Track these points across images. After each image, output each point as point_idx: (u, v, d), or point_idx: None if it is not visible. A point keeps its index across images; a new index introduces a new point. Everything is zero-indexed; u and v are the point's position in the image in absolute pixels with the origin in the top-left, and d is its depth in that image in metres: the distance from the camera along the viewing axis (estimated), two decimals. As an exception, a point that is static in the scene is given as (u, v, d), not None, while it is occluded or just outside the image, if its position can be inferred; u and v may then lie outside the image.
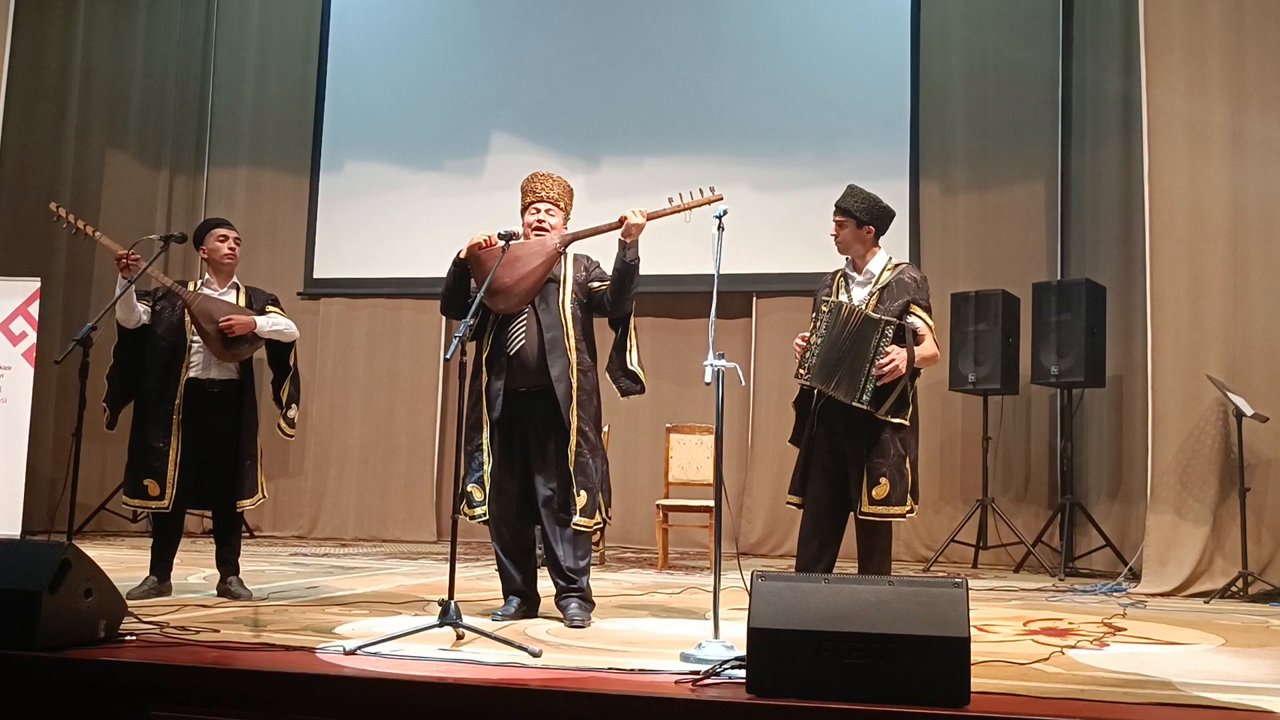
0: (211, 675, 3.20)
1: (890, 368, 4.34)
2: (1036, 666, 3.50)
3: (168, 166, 9.79)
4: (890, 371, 4.34)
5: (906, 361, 4.38)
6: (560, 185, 4.67)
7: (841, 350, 4.40)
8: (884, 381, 4.36)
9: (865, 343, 4.36)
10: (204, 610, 4.49)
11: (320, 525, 9.34)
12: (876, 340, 4.34)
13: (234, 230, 5.24)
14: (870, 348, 4.34)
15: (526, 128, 9.32)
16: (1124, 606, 5.34)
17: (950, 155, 8.65)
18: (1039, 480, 8.22)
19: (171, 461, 4.93)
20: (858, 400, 4.35)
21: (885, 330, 4.35)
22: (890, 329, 4.36)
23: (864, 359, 4.35)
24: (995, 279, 7.96)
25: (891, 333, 4.36)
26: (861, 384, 4.35)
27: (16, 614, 3.25)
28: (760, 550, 8.47)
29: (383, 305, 9.56)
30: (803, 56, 8.91)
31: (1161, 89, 6.40)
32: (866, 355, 4.35)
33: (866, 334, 4.37)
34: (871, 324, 4.37)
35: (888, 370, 4.34)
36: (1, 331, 7.67)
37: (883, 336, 4.34)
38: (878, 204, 4.61)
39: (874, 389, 4.34)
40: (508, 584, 4.57)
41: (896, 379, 4.39)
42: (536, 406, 4.43)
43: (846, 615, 2.90)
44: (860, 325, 4.39)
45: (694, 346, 8.55)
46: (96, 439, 5.26)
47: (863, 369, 4.35)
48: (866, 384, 4.34)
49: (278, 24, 10.03)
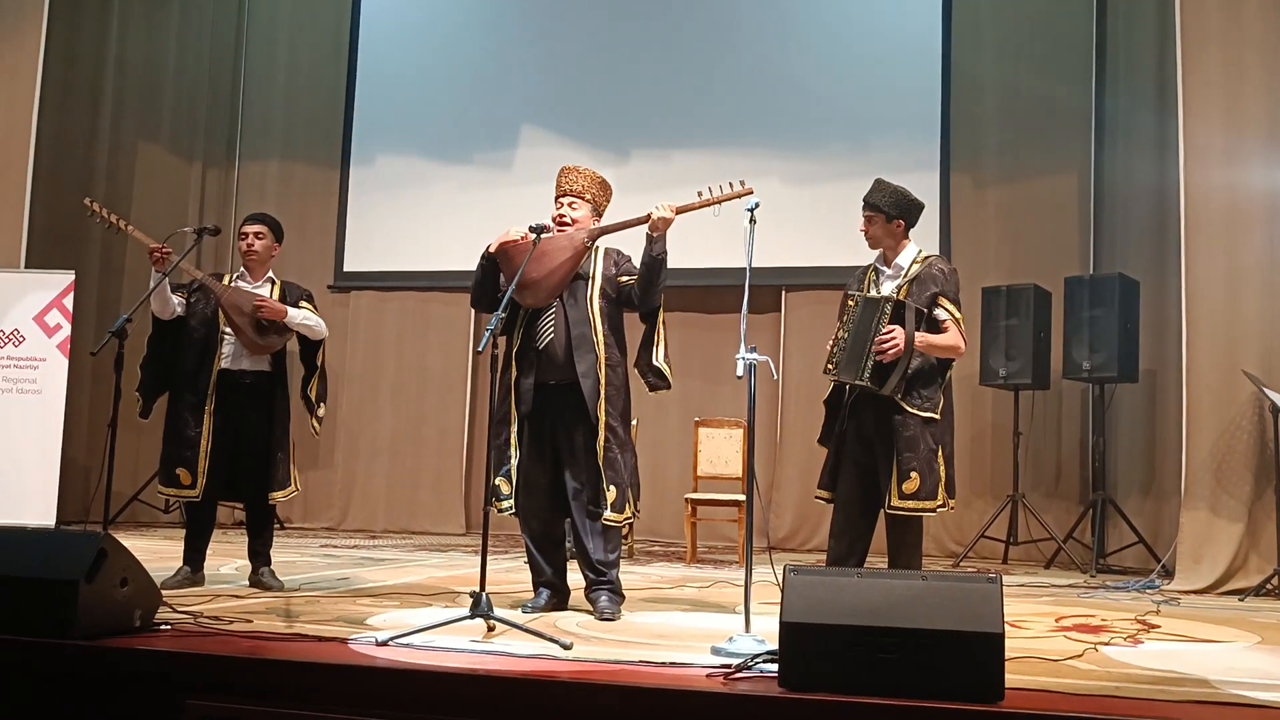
0: (245, 665, 3.22)
1: (891, 345, 4.30)
2: (1070, 663, 3.47)
3: (200, 159, 9.86)
4: (890, 349, 4.31)
5: (906, 340, 4.33)
6: (586, 178, 4.65)
7: (854, 336, 4.41)
8: (885, 359, 4.32)
9: (868, 323, 4.37)
10: (237, 600, 4.52)
11: (350, 517, 9.39)
12: (876, 319, 4.34)
13: (258, 225, 5.24)
14: (870, 326, 4.35)
15: (556, 121, 9.32)
16: (1157, 603, 5.30)
17: (981, 148, 8.59)
18: (1070, 476, 8.16)
19: (203, 451, 4.97)
20: (858, 378, 4.34)
21: (884, 308, 4.34)
22: (889, 306, 4.34)
23: (865, 338, 4.35)
24: (1026, 273, 7.90)
25: (890, 310, 4.34)
26: (864, 363, 4.34)
27: (54, 603, 3.29)
28: (789, 545, 8.45)
29: (412, 298, 9.60)
30: (834, 48, 8.87)
31: (1197, 81, 6.33)
32: (867, 335, 4.35)
33: (869, 315, 4.39)
34: (873, 304, 4.39)
35: (888, 348, 4.30)
36: (36, 324, 7.74)
37: (881, 314, 4.34)
38: (906, 197, 4.58)
39: (873, 365, 4.32)
40: (538, 576, 4.58)
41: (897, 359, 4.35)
42: (566, 401, 4.43)
43: (880, 610, 2.89)
44: (864, 307, 4.41)
45: (723, 341, 8.52)
46: (131, 430, 5.30)
47: (864, 348, 4.35)
48: (866, 361, 4.33)
49: (309, 18, 10.08)
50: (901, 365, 4.36)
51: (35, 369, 7.70)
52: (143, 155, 9.51)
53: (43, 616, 3.29)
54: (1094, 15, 8.36)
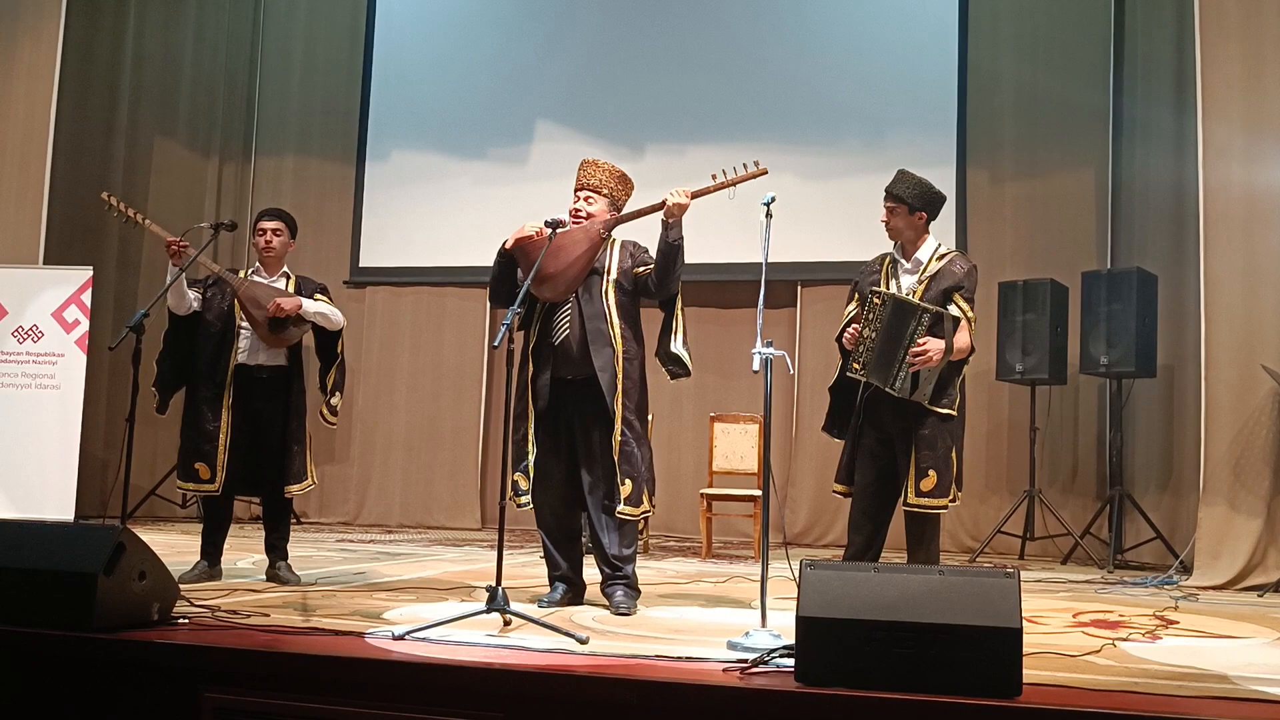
0: (262, 658, 3.23)
1: (922, 357, 4.29)
2: (1088, 658, 3.46)
3: (217, 154, 9.89)
4: (921, 360, 4.30)
5: (941, 353, 4.32)
6: (605, 171, 4.63)
7: (885, 338, 4.37)
8: (915, 368, 4.31)
9: (902, 329, 4.32)
10: (254, 595, 4.54)
11: (366, 512, 9.42)
12: (913, 327, 4.30)
13: (275, 221, 5.24)
14: (906, 334, 4.31)
15: (571, 116, 9.32)
16: (1175, 599, 5.27)
17: (998, 142, 8.56)
18: (1087, 471, 8.13)
19: (221, 445, 4.98)
20: (890, 386, 4.32)
21: (922, 318, 4.30)
22: (927, 317, 4.30)
23: (898, 344, 4.32)
24: (1043, 268, 7.86)
25: (929, 321, 4.30)
26: (894, 370, 4.31)
27: (73, 596, 3.30)
28: (804, 540, 8.43)
29: (428, 293, 9.61)
30: (849, 43, 8.85)
31: (1216, 77, 6.29)
32: (901, 341, 4.31)
33: (904, 320, 4.33)
34: (910, 310, 4.33)
35: (919, 360, 4.29)
36: (55, 319, 7.78)
37: (919, 324, 4.30)
38: (929, 189, 4.56)
39: (907, 375, 4.30)
40: (554, 570, 4.58)
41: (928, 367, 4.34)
42: (582, 395, 4.43)
43: (896, 605, 2.88)
44: (898, 310, 4.36)
45: (738, 336, 8.52)
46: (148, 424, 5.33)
47: (896, 354, 4.32)
48: (900, 370, 4.31)
49: (324, 13, 10.10)
50: (934, 373, 4.35)
51: (54, 364, 7.74)
52: (159, 151, 9.55)
53: (61, 609, 3.31)
54: (1111, 10, 8.31)
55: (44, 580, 3.35)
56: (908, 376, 4.31)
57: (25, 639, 3.31)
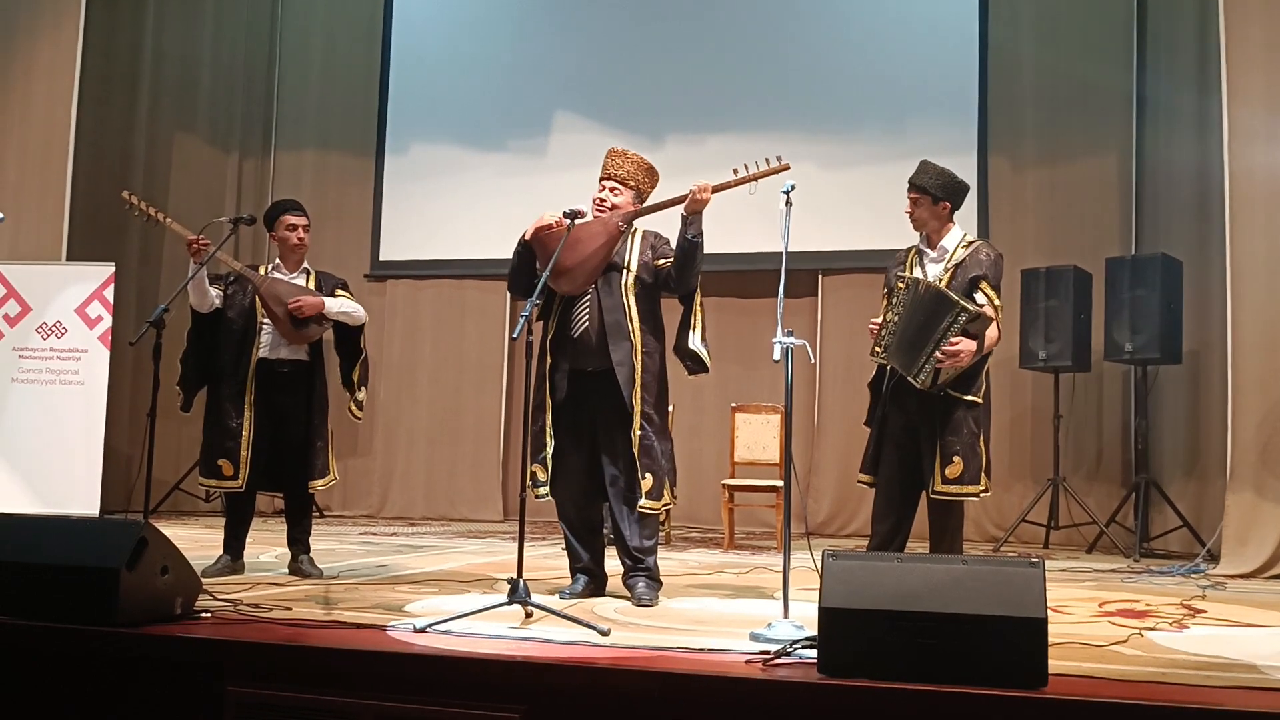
0: (285, 652, 3.24)
1: (953, 358, 4.25)
2: (1114, 648, 3.43)
3: (237, 149, 9.93)
4: (951, 360, 4.26)
5: (972, 356, 4.28)
6: (633, 163, 4.61)
7: (918, 326, 4.32)
8: (943, 366, 4.27)
9: (936, 321, 4.25)
10: (276, 588, 4.55)
11: (389, 505, 9.45)
12: (948, 323, 4.21)
13: (304, 216, 5.26)
14: (939, 329, 4.23)
15: (590, 107, 9.29)
16: (1203, 588, 5.22)
17: (1020, 129, 8.49)
18: (1112, 459, 8.06)
19: (245, 442, 4.99)
20: (913, 377, 4.28)
21: (959, 317, 4.20)
22: (964, 317, 4.20)
23: (929, 337, 4.26)
24: (1066, 254, 7.79)
25: (964, 320, 4.22)
26: (920, 362, 4.26)
27: (96, 590, 3.32)
28: (826, 530, 8.41)
29: (448, 286, 9.62)
30: (870, 31, 8.79)
31: (1240, 60, 6.21)
32: (932, 335, 4.25)
33: (940, 313, 4.25)
34: (948, 305, 4.24)
35: (949, 360, 4.25)
36: (78, 315, 7.82)
37: (955, 321, 4.21)
38: (952, 179, 4.52)
39: (933, 369, 4.26)
40: (575, 562, 4.58)
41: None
42: (601, 388, 4.41)
43: (920, 595, 2.86)
44: (937, 301, 4.29)
45: (759, 326, 8.48)
46: (171, 419, 5.35)
47: (925, 347, 4.27)
48: (925, 363, 4.26)
49: (343, 7, 10.11)
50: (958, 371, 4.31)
51: (78, 360, 7.78)
52: (180, 146, 9.58)
53: (84, 604, 3.33)
54: (1133, -9, 8.22)
55: (67, 575, 3.37)
56: (933, 370, 4.27)
57: (49, 633, 3.33)
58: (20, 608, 3.40)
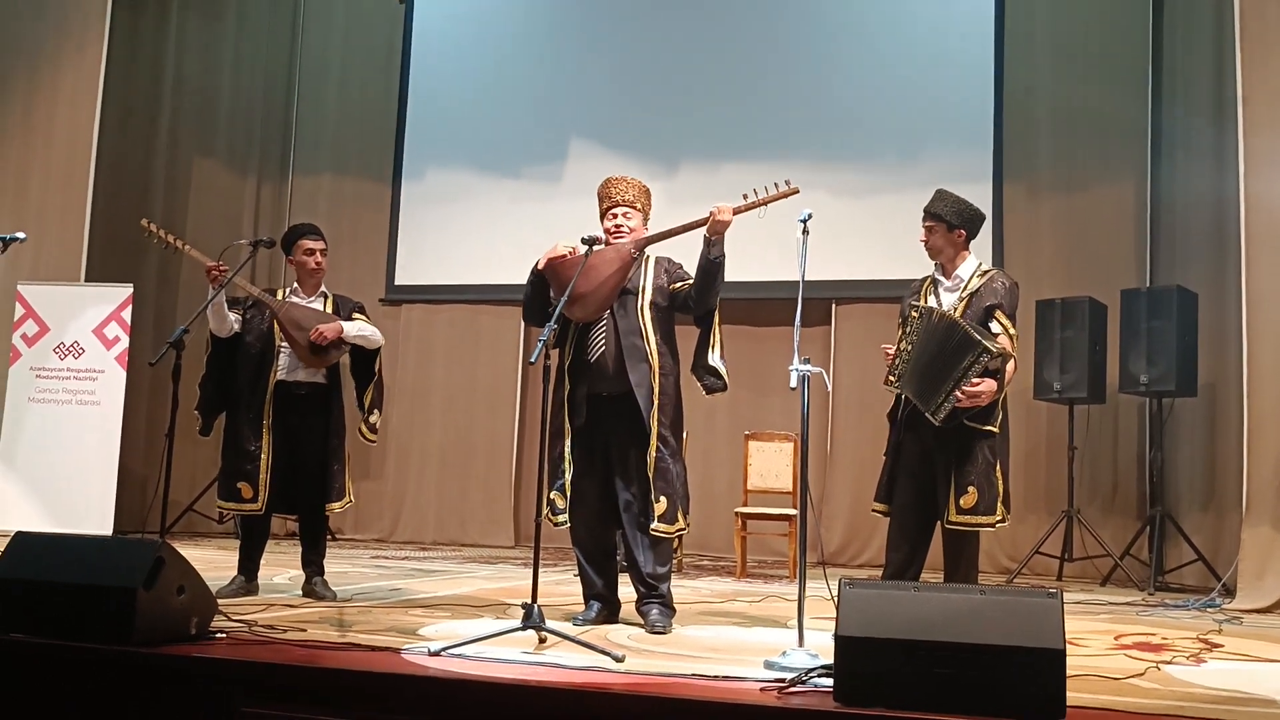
0: (300, 673, 3.24)
1: (973, 399, 4.25)
2: (1132, 681, 3.41)
3: (255, 174, 10.01)
4: (971, 402, 4.26)
5: (992, 397, 4.29)
6: (636, 187, 4.64)
7: (932, 357, 4.32)
8: (962, 405, 4.27)
9: (958, 359, 4.23)
10: (291, 610, 4.55)
11: (400, 529, 9.45)
12: (970, 363, 4.20)
13: (321, 240, 5.30)
14: (961, 368, 4.21)
15: (605, 134, 9.35)
16: (1219, 622, 5.19)
17: (1035, 158, 8.50)
18: (1126, 491, 8.03)
19: (263, 465, 5.01)
20: (931, 413, 4.27)
21: (981, 358, 4.19)
22: (985, 358, 4.19)
23: (950, 375, 4.24)
24: (1081, 284, 7.79)
25: (987, 361, 4.20)
26: (939, 400, 4.25)
27: (113, 609, 3.33)
28: (839, 560, 8.37)
29: (463, 311, 9.66)
30: (884, 59, 8.82)
31: (1257, 91, 6.22)
32: (953, 373, 4.23)
33: (962, 351, 4.23)
34: (970, 344, 4.21)
35: (969, 401, 4.25)
36: (96, 336, 7.88)
37: (977, 361, 4.20)
38: (968, 208, 4.54)
39: (951, 409, 4.25)
40: (589, 589, 4.57)
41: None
42: (618, 412, 4.41)
43: (937, 624, 2.85)
44: (960, 339, 4.25)
45: (772, 354, 8.48)
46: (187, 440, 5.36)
47: (945, 385, 4.25)
48: (945, 402, 4.24)
49: (361, 34, 10.19)
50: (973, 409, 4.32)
51: (94, 380, 7.84)
52: (199, 170, 9.67)
53: (101, 623, 3.34)
54: (1150, 23, 8.22)
55: (85, 594, 3.38)
56: (951, 408, 4.26)
57: (66, 652, 3.34)
58: (37, 626, 3.41)
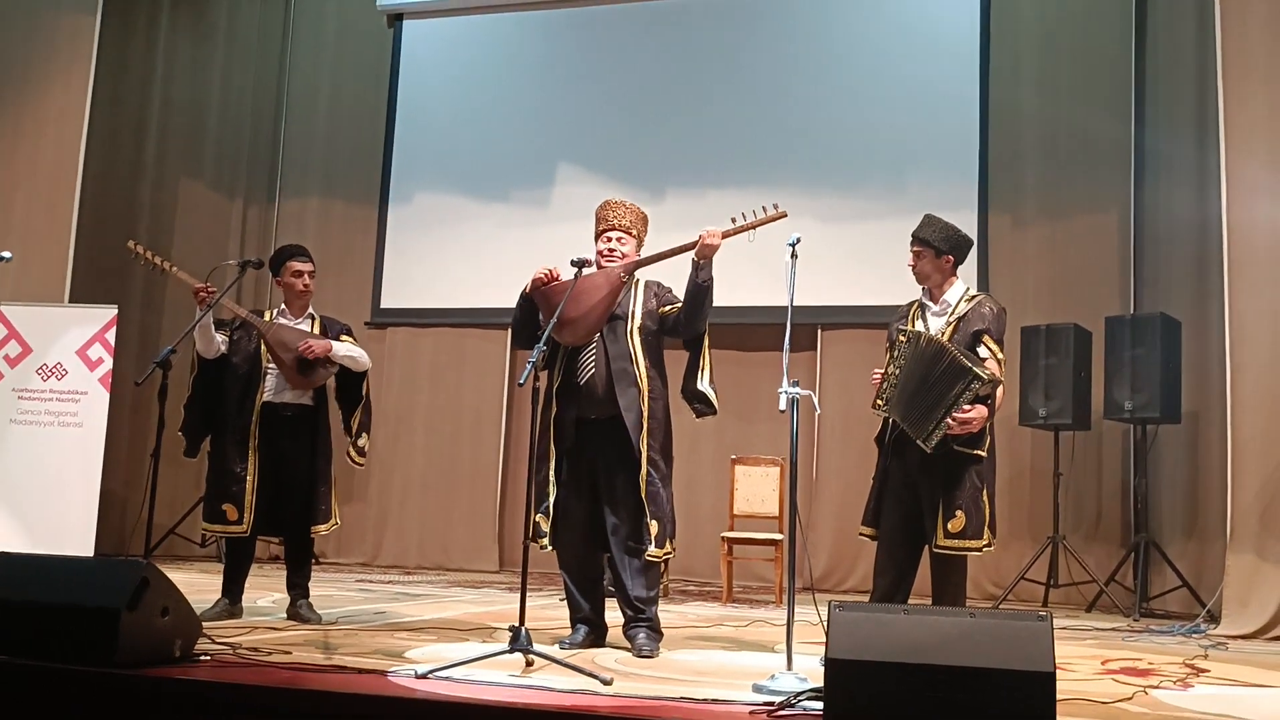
0: (285, 696, 3.21)
1: (964, 426, 4.27)
2: (1120, 705, 3.41)
3: (241, 196, 9.99)
4: (963, 429, 4.27)
5: (983, 423, 4.31)
6: (633, 213, 4.67)
7: (919, 381, 4.33)
8: (953, 432, 4.28)
9: (949, 386, 4.24)
10: (275, 633, 4.52)
11: (384, 553, 9.39)
12: (960, 390, 4.21)
13: (310, 262, 5.30)
14: (952, 395, 4.22)
15: (592, 160, 9.37)
16: (1205, 648, 5.20)
17: (1020, 186, 8.55)
18: (1111, 518, 8.04)
19: (249, 486, 4.99)
20: (922, 440, 4.28)
21: (973, 385, 4.21)
22: (977, 385, 4.21)
23: (941, 402, 4.25)
24: (1066, 310, 7.84)
25: (978, 388, 4.23)
26: (930, 428, 4.26)
27: (96, 631, 3.30)
28: (824, 585, 8.34)
29: (449, 334, 9.63)
30: (870, 86, 8.87)
31: (1240, 116, 6.26)
32: (945, 400, 4.24)
33: (953, 378, 4.24)
34: (961, 372, 4.23)
35: (961, 428, 4.27)
36: (79, 358, 7.81)
37: (968, 389, 4.21)
38: (956, 233, 4.57)
39: (942, 436, 4.26)
40: (576, 612, 4.55)
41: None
42: (607, 436, 4.41)
43: (927, 647, 2.85)
44: (949, 365, 4.27)
45: (758, 379, 8.48)
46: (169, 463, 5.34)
47: (936, 412, 4.25)
48: (936, 430, 4.25)
49: (350, 58, 10.21)
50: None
51: (77, 402, 7.76)
52: (185, 192, 9.65)
53: (84, 644, 3.30)
54: (1133, 49, 8.30)
55: (68, 614, 3.35)
56: (943, 435, 4.26)
57: (49, 673, 3.30)
58: (20, 647, 3.37)
